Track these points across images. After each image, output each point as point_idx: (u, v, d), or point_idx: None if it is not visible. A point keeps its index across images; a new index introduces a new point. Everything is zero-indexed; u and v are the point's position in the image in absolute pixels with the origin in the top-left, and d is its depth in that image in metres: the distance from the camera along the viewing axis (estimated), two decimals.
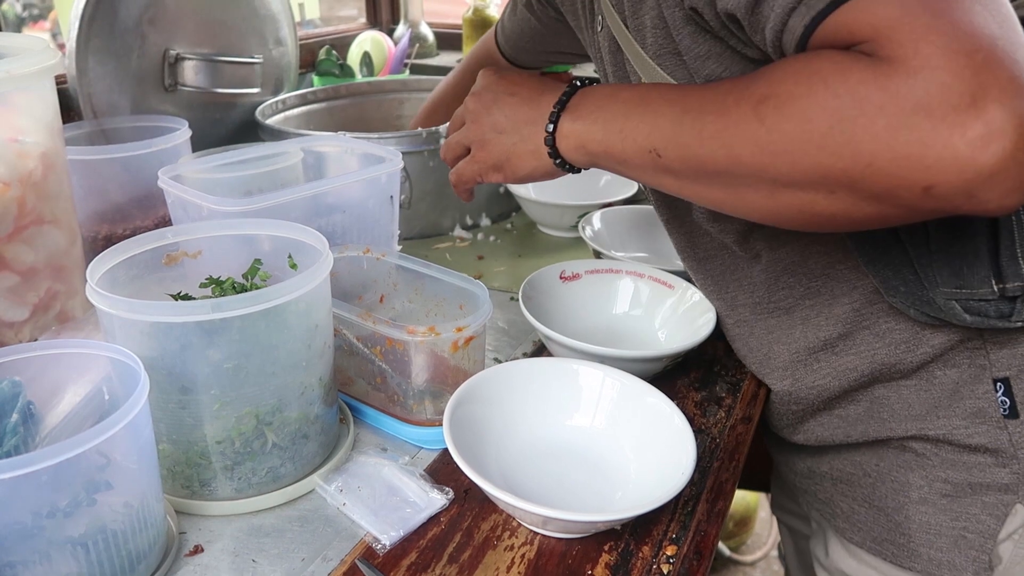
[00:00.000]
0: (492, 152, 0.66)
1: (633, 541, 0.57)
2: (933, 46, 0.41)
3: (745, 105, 0.47)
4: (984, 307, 0.56)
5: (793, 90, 0.45)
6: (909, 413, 0.66)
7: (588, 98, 0.60)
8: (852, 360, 0.67)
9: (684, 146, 0.52)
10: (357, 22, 1.62)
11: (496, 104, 0.66)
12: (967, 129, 0.40)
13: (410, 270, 0.74)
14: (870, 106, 0.42)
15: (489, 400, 0.63)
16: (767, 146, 0.46)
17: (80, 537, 0.48)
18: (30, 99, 0.69)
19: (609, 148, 0.57)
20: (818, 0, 0.45)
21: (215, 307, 0.51)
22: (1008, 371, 0.61)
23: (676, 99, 0.53)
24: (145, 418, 0.50)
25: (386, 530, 0.56)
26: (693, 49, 0.59)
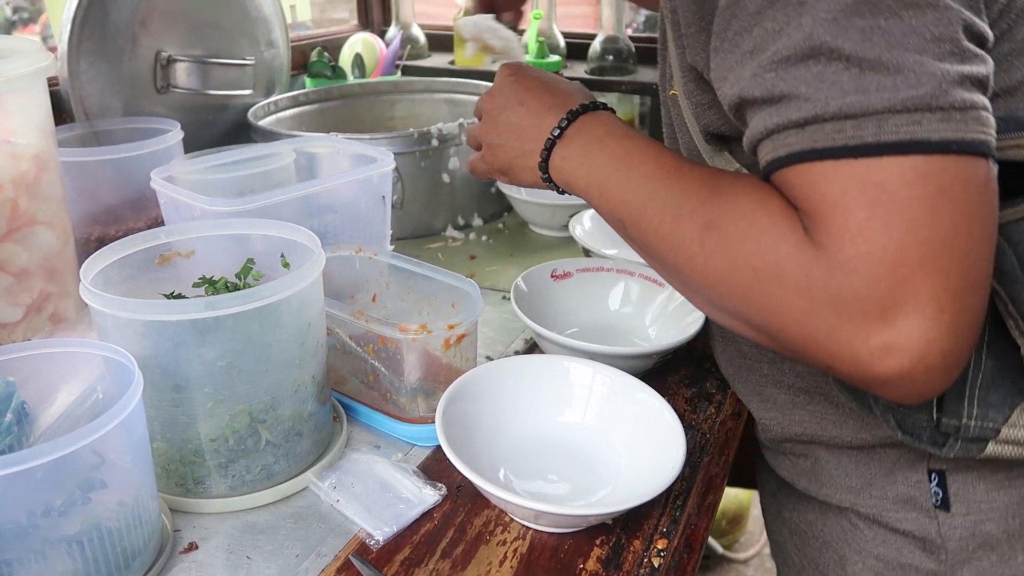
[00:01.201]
0: (498, 157, 0.67)
1: (624, 535, 0.57)
2: (856, 249, 0.40)
3: (695, 223, 0.48)
4: (918, 430, 0.55)
5: (732, 232, 0.46)
6: (846, 483, 0.66)
7: (582, 134, 0.60)
8: (805, 416, 0.67)
9: (642, 232, 0.53)
10: (349, 24, 1.63)
11: (505, 111, 0.66)
12: (870, 337, 0.40)
13: (402, 269, 0.74)
14: (789, 283, 0.43)
15: (481, 397, 0.64)
16: (703, 272, 0.48)
17: (75, 535, 0.48)
18: (23, 101, 0.70)
19: (588, 197, 0.59)
20: (781, 145, 0.44)
21: (209, 305, 0.52)
22: (945, 464, 0.61)
23: (650, 177, 0.53)
24: (139, 416, 0.50)
25: (379, 526, 0.56)
26: (696, 95, 0.59)
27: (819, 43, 0.42)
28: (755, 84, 0.45)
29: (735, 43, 0.47)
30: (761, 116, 0.45)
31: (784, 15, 0.43)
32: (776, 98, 0.44)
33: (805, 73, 0.42)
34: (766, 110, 0.44)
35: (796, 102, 0.43)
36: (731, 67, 0.47)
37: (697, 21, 0.53)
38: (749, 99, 0.46)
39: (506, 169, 0.67)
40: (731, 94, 0.47)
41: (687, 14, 0.54)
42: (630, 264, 0.86)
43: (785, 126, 0.43)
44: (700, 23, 0.53)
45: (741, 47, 0.46)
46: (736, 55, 0.46)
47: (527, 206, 1.10)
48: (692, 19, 0.53)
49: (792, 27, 0.43)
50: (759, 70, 0.44)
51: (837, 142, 0.41)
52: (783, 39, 0.43)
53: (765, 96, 0.44)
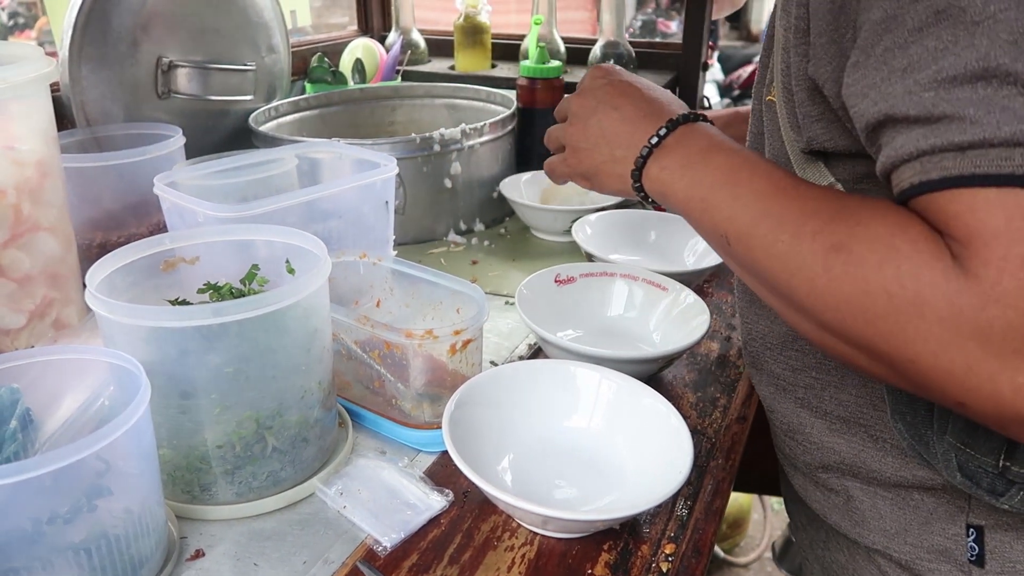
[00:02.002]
0: (583, 161, 0.66)
1: (632, 540, 0.57)
2: (1017, 282, 0.38)
3: (819, 244, 0.46)
4: (979, 475, 0.53)
5: (866, 256, 0.43)
6: (880, 526, 0.64)
7: (683, 145, 0.58)
8: (841, 443, 0.65)
9: (751, 249, 0.51)
10: (349, 29, 1.63)
11: (596, 115, 0.65)
12: (1017, 374, 0.39)
13: (406, 274, 0.74)
14: (931, 312, 0.41)
15: (487, 402, 0.63)
16: (823, 295, 0.46)
17: (81, 543, 0.48)
18: (26, 107, 0.69)
19: (687, 212, 0.57)
20: (934, 167, 0.42)
21: (216, 312, 0.52)
22: (985, 520, 0.59)
23: (762, 193, 0.51)
24: (146, 423, 0.50)
25: (387, 532, 0.56)
26: (806, 106, 0.56)
27: (995, 65, 0.40)
28: (909, 102, 0.43)
29: (884, 59, 0.44)
30: (911, 135, 0.43)
31: (951, 34, 0.41)
32: (935, 118, 0.42)
33: (973, 95, 0.40)
34: (918, 130, 0.43)
35: (960, 124, 0.41)
36: (875, 84, 0.45)
37: (830, 32, 0.50)
38: (898, 116, 0.44)
39: (591, 174, 0.66)
40: (872, 111, 0.45)
41: (820, 23, 0.51)
42: (633, 268, 0.86)
43: (942, 148, 0.41)
44: (833, 34, 0.50)
45: (892, 64, 0.44)
46: (883, 72, 0.44)
47: (529, 211, 1.10)
48: (825, 29, 0.51)
49: (962, 47, 0.41)
50: (915, 88, 0.42)
51: (1004, 169, 0.39)
52: (949, 58, 0.41)
53: (921, 115, 0.42)
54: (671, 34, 4.77)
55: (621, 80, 0.66)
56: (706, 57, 1.39)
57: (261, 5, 1.18)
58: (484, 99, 1.31)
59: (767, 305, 0.70)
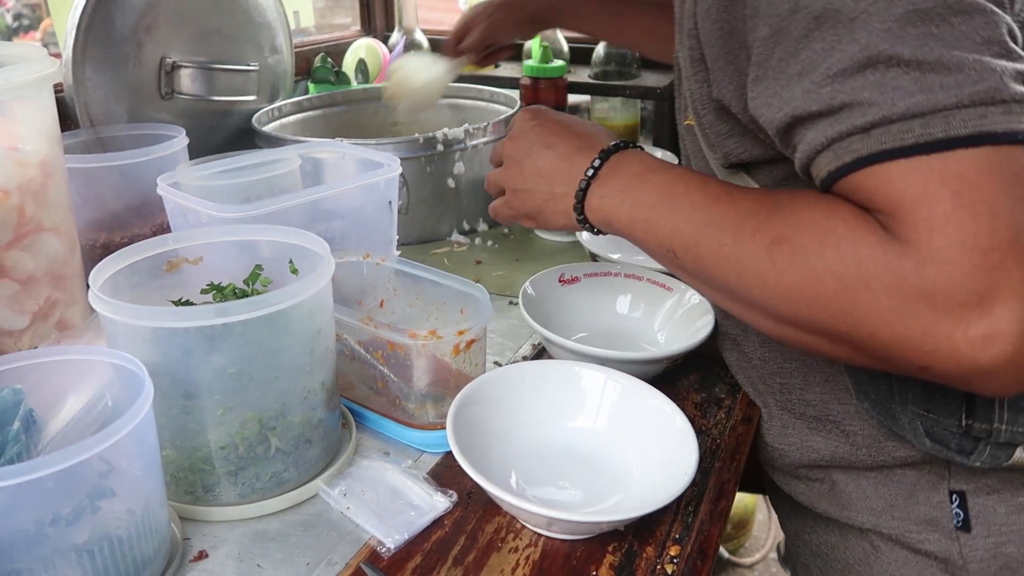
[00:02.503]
0: (525, 202, 0.67)
1: (637, 542, 0.57)
2: (948, 239, 0.40)
3: (760, 240, 0.48)
4: (947, 437, 0.56)
5: (807, 243, 0.45)
6: (867, 506, 0.66)
7: (618, 172, 0.60)
8: (819, 440, 0.67)
9: (700, 258, 0.52)
10: (352, 30, 1.63)
11: (531, 156, 0.65)
12: (969, 327, 0.40)
13: (410, 275, 0.74)
14: (877, 284, 0.42)
15: (492, 403, 0.63)
16: (775, 288, 0.47)
17: (84, 544, 0.48)
18: (29, 108, 0.69)
19: (631, 234, 0.58)
20: (845, 151, 0.45)
21: (219, 312, 0.52)
22: (966, 485, 0.61)
23: (700, 204, 0.53)
24: (149, 424, 0.50)
25: (390, 533, 0.56)
26: (716, 126, 0.60)
27: (876, 52, 0.43)
28: (810, 100, 0.45)
29: (780, 69, 0.47)
30: (819, 128, 0.46)
31: (834, 34, 0.44)
32: (836, 108, 0.44)
33: (864, 82, 0.43)
34: (824, 122, 0.45)
35: (859, 108, 0.43)
36: (776, 92, 0.48)
37: (724, 55, 0.54)
38: (803, 115, 0.46)
39: (534, 214, 0.67)
40: (779, 116, 0.48)
41: (714, 49, 0.54)
42: (638, 269, 0.85)
43: (849, 132, 0.44)
44: (728, 56, 0.53)
45: (787, 71, 0.47)
46: (782, 80, 0.47)
47: None
48: (720, 53, 0.54)
49: (845, 43, 0.44)
50: (812, 87, 0.45)
51: (907, 141, 0.42)
52: (836, 55, 0.44)
53: (823, 109, 0.45)
54: None
55: (549, 119, 0.67)
56: None
57: (264, 6, 1.18)
58: (488, 99, 1.31)
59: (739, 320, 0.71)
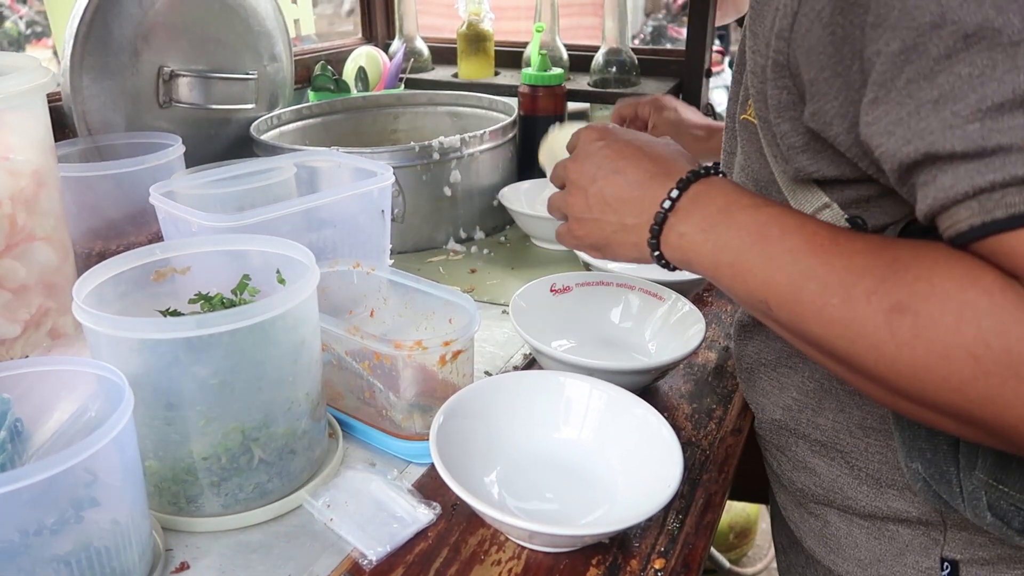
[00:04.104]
0: (591, 233, 0.60)
1: (621, 555, 0.57)
2: None
3: (876, 306, 0.41)
4: (1011, 513, 0.49)
5: (938, 317, 0.39)
6: (854, 555, 0.63)
7: (700, 206, 0.53)
8: (821, 465, 0.64)
9: (799, 316, 0.46)
10: (352, 37, 1.63)
11: (597, 182, 0.58)
12: None
13: (400, 284, 0.74)
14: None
15: (476, 414, 0.63)
16: (894, 362, 0.41)
17: (66, 555, 0.48)
18: (21, 117, 0.70)
19: (717, 277, 0.52)
20: (997, 206, 0.38)
21: (200, 323, 0.52)
22: (960, 555, 0.58)
23: (799, 252, 0.46)
24: (130, 434, 0.50)
25: (373, 545, 0.56)
26: (790, 137, 0.53)
27: None
28: (952, 136, 0.39)
29: (909, 92, 0.41)
30: (961, 173, 0.39)
31: (987, 58, 0.38)
32: (988, 151, 0.38)
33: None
34: (969, 166, 0.39)
35: (1020, 155, 0.37)
36: (902, 119, 0.42)
37: (832, 65, 0.46)
38: (941, 154, 0.40)
39: (601, 245, 0.60)
40: (907, 149, 0.42)
41: (819, 58, 0.47)
42: (630, 278, 0.85)
43: (1004, 183, 0.38)
44: (836, 67, 0.46)
45: (919, 97, 0.41)
46: (910, 106, 0.41)
47: (529, 220, 1.10)
48: (826, 63, 0.47)
49: (1003, 71, 0.38)
50: (956, 120, 0.39)
51: None
52: (991, 85, 0.38)
53: (969, 150, 0.39)
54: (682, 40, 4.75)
55: (619, 140, 0.59)
56: (711, 63, 1.38)
57: (264, 14, 1.19)
58: (487, 107, 1.31)
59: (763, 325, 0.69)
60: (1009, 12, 0.37)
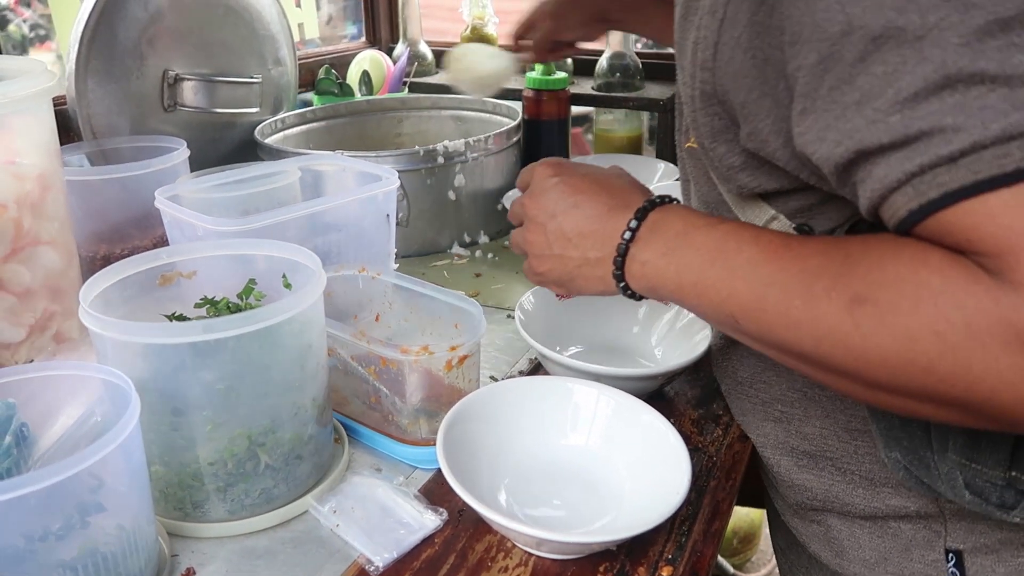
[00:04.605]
0: (554, 269, 0.60)
1: (629, 562, 0.56)
2: None
3: (837, 301, 0.42)
4: (987, 489, 0.51)
5: (896, 302, 0.40)
6: (859, 556, 0.63)
7: (660, 232, 0.54)
8: (811, 479, 0.64)
9: (765, 324, 0.47)
10: (356, 41, 1.63)
11: (556, 218, 0.58)
12: None
13: (405, 289, 0.74)
14: (992, 340, 0.37)
15: (483, 419, 0.63)
16: (862, 354, 0.42)
17: (71, 561, 0.48)
18: (27, 121, 0.70)
19: (683, 298, 0.53)
20: (929, 187, 0.39)
21: (206, 328, 0.51)
22: (963, 544, 0.58)
23: (757, 262, 0.48)
24: (136, 440, 0.50)
25: (379, 552, 0.55)
26: (726, 159, 0.55)
27: (955, 70, 0.38)
28: (877, 130, 0.41)
29: (832, 99, 0.43)
30: (891, 163, 0.41)
31: (898, 55, 0.40)
32: (912, 138, 0.40)
33: (942, 105, 0.39)
34: (897, 154, 0.40)
35: (941, 136, 0.39)
36: (830, 124, 0.43)
37: (759, 87, 0.49)
38: (870, 148, 0.41)
39: (565, 281, 0.60)
40: (839, 152, 0.43)
41: (745, 81, 0.49)
42: None
43: (932, 164, 0.39)
44: (763, 88, 0.48)
45: (841, 101, 0.42)
46: (835, 110, 0.43)
47: None
48: (752, 85, 0.49)
49: (913, 64, 0.39)
50: (878, 116, 0.41)
51: (1007, 167, 0.37)
52: (905, 78, 0.39)
53: (895, 139, 0.40)
54: None
55: (574, 175, 0.60)
56: None
57: (268, 18, 1.19)
58: (491, 110, 1.31)
59: (732, 346, 0.69)
60: (908, 11, 0.39)
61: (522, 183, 0.65)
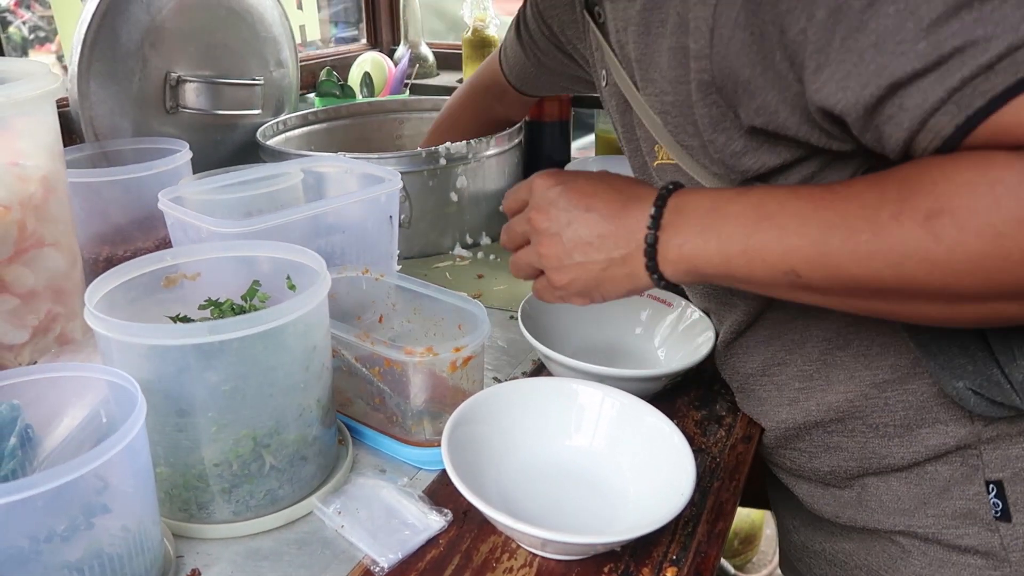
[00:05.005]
0: (577, 279, 0.58)
1: (633, 563, 0.56)
2: None
3: (910, 222, 0.42)
4: None
5: (973, 204, 0.41)
6: (898, 507, 0.63)
7: (687, 212, 0.53)
8: (844, 441, 0.64)
9: (835, 267, 0.46)
10: (358, 43, 1.64)
11: (572, 225, 0.57)
12: None
13: (408, 290, 0.74)
14: None
15: (488, 420, 0.63)
16: (949, 265, 0.42)
17: (77, 562, 0.48)
18: (31, 123, 0.70)
19: (731, 270, 0.51)
20: (974, 96, 0.41)
21: (212, 330, 0.51)
22: (1002, 473, 0.58)
23: (807, 213, 0.47)
24: (142, 441, 0.50)
25: (384, 553, 0.55)
26: (729, 146, 0.55)
27: None
28: (907, 60, 0.41)
29: (847, 47, 0.44)
30: (926, 86, 0.42)
31: None
32: (946, 56, 0.41)
33: (965, 23, 0.40)
34: (931, 76, 0.41)
35: (974, 48, 0.40)
36: (850, 72, 0.44)
37: (761, 61, 0.49)
38: (902, 79, 0.42)
39: (590, 289, 0.58)
40: (867, 93, 0.44)
41: (748, 57, 0.49)
42: None
43: (972, 76, 0.40)
44: (764, 63, 0.49)
45: (856, 48, 0.43)
46: (852, 58, 0.43)
47: None
48: (755, 60, 0.49)
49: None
50: (903, 48, 0.41)
51: None
52: (922, 7, 0.41)
53: (928, 64, 0.41)
54: None
55: (576, 180, 0.59)
56: None
57: (270, 20, 1.19)
58: None
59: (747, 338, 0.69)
60: None
61: (515, 203, 0.63)
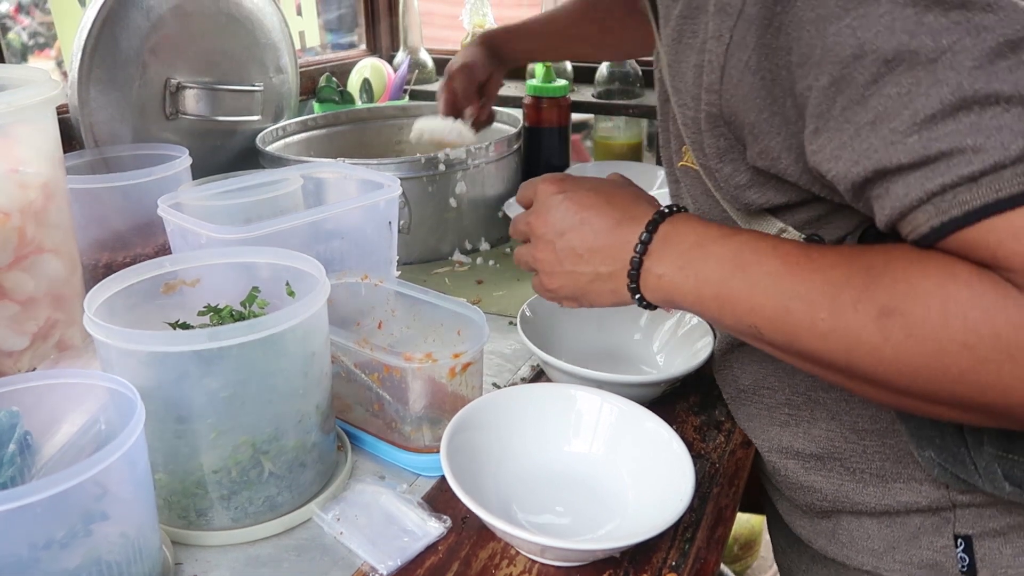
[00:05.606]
0: (565, 285, 0.60)
1: (632, 569, 0.56)
2: None
3: (864, 314, 0.43)
4: None
5: (924, 315, 0.41)
6: (868, 546, 0.64)
7: (673, 244, 0.54)
8: (820, 481, 0.65)
9: (791, 335, 0.47)
10: (357, 49, 1.64)
11: (564, 235, 0.58)
12: None
13: (408, 296, 0.74)
14: (1020, 352, 0.39)
15: (487, 427, 0.63)
16: (892, 364, 0.43)
17: (75, 569, 0.48)
18: (31, 130, 0.70)
19: (703, 310, 0.53)
20: (951, 205, 0.40)
21: (211, 336, 0.51)
22: (972, 530, 0.59)
23: (778, 274, 0.48)
24: (141, 448, 0.50)
25: (383, 559, 0.55)
26: (733, 178, 0.56)
27: (970, 93, 0.40)
28: (896, 151, 0.42)
29: (845, 119, 0.44)
30: (911, 181, 0.42)
31: (911, 77, 0.41)
32: (931, 158, 0.41)
33: (959, 126, 0.40)
34: (917, 174, 0.42)
35: (961, 156, 0.40)
36: (845, 143, 0.44)
37: (769, 106, 0.49)
38: (889, 168, 0.43)
39: (578, 295, 0.60)
40: (856, 170, 0.44)
41: (756, 102, 0.50)
42: None
43: (953, 184, 0.40)
44: (772, 107, 0.49)
45: (854, 121, 0.44)
46: (849, 131, 0.44)
47: None
48: (763, 105, 0.50)
49: (927, 85, 0.41)
50: (895, 136, 0.42)
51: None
52: (920, 100, 0.41)
53: (915, 160, 0.41)
54: None
55: (579, 190, 0.60)
56: None
57: (269, 26, 1.20)
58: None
59: (733, 352, 0.69)
60: (920, 35, 0.41)
61: (524, 199, 0.65)
